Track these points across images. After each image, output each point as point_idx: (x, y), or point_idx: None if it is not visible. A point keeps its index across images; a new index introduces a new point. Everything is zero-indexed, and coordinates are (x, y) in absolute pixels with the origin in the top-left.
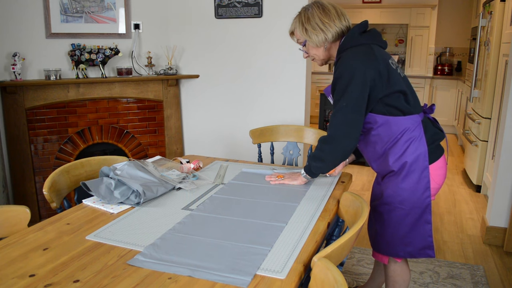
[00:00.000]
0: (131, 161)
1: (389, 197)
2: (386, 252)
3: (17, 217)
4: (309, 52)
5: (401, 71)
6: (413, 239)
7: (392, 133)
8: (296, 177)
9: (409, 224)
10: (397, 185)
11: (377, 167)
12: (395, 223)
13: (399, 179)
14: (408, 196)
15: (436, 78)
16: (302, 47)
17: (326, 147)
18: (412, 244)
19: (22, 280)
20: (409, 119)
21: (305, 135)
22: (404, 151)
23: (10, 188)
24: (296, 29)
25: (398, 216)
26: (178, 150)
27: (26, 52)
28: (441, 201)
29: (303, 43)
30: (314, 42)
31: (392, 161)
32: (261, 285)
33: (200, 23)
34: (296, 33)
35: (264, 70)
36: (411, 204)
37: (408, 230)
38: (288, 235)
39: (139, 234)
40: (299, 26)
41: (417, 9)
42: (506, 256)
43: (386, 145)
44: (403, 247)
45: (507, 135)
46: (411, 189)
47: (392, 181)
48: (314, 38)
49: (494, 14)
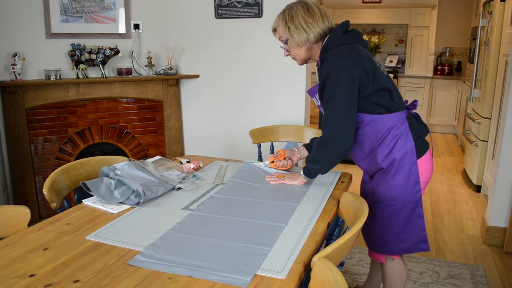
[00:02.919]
0: (131, 161)
1: (381, 195)
2: (382, 250)
3: (17, 217)
4: (290, 50)
5: (384, 69)
6: (407, 234)
7: (378, 131)
8: (296, 177)
9: (403, 220)
10: (388, 182)
11: (365, 166)
12: (389, 220)
13: (389, 176)
14: (399, 193)
15: (436, 78)
16: (284, 45)
17: (323, 149)
18: (407, 239)
19: (22, 280)
20: (394, 116)
21: (305, 135)
22: (391, 148)
23: (10, 188)
24: (279, 26)
25: (391, 213)
26: (178, 150)
27: (26, 52)
28: (441, 201)
29: (284, 41)
30: (296, 41)
31: (381, 159)
32: (261, 285)
33: (200, 23)
34: (278, 31)
35: (264, 70)
36: (403, 200)
37: (402, 226)
38: (288, 235)
39: (139, 234)
40: (282, 24)
41: (417, 9)
42: (506, 256)
43: (374, 144)
44: (398, 243)
45: (507, 135)
46: (402, 185)
47: (382, 179)
48: (297, 37)
49: (494, 14)
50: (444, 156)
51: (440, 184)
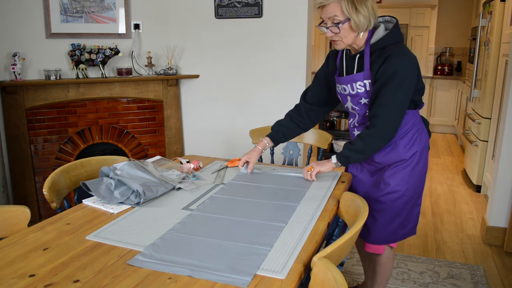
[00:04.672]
0: (131, 161)
1: (397, 185)
2: (385, 241)
3: (17, 217)
4: (341, 32)
5: None
6: (409, 221)
7: (405, 124)
8: (325, 163)
9: (410, 208)
10: (408, 173)
11: (381, 158)
12: (398, 210)
13: (410, 167)
14: (415, 183)
15: (436, 78)
16: (332, 26)
17: (375, 142)
18: (407, 226)
19: (22, 280)
20: (417, 112)
21: (305, 135)
22: (414, 141)
23: (10, 188)
24: (339, 4)
25: (402, 202)
26: (178, 150)
27: (26, 52)
28: (441, 201)
29: (339, 21)
30: (358, 24)
31: (404, 150)
32: (261, 285)
33: (200, 23)
34: (333, 8)
35: (264, 70)
36: (416, 190)
37: (408, 213)
38: (288, 235)
39: (139, 234)
40: (347, 1)
41: (417, 9)
42: (506, 256)
43: (397, 136)
44: (400, 231)
45: (507, 135)
46: (420, 176)
47: (401, 170)
48: (361, 19)
49: (494, 14)
50: (444, 156)
51: (440, 184)
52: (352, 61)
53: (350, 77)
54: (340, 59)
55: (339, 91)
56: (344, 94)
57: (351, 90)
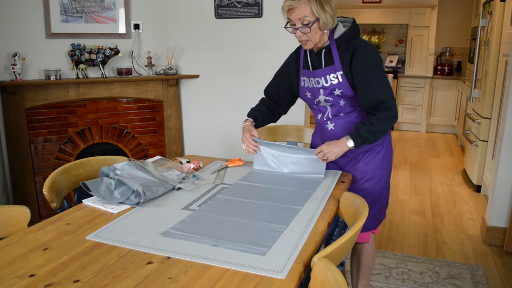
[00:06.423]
0: (131, 161)
1: (374, 170)
2: (372, 226)
3: (17, 217)
4: (311, 33)
5: None
6: (384, 204)
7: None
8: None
9: (385, 191)
10: (382, 157)
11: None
12: (377, 193)
13: (382, 152)
14: (388, 164)
15: (436, 78)
16: (302, 26)
17: (392, 121)
18: (383, 210)
19: (22, 280)
20: None
21: (305, 135)
22: None
23: (10, 188)
24: (309, 5)
25: (381, 186)
26: (178, 150)
27: (26, 52)
28: (441, 201)
29: (309, 22)
30: (326, 23)
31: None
32: (261, 285)
33: (200, 23)
34: (303, 9)
35: (264, 70)
36: (388, 172)
37: (384, 197)
38: (288, 235)
39: (139, 234)
40: (315, 3)
41: (417, 9)
42: (506, 256)
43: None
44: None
45: (507, 135)
46: (390, 158)
47: (376, 155)
48: (328, 18)
49: (494, 14)
50: (444, 156)
51: (440, 184)
52: (318, 56)
53: (323, 70)
54: (304, 56)
55: (309, 85)
56: (317, 88)
57: (324, 83)
